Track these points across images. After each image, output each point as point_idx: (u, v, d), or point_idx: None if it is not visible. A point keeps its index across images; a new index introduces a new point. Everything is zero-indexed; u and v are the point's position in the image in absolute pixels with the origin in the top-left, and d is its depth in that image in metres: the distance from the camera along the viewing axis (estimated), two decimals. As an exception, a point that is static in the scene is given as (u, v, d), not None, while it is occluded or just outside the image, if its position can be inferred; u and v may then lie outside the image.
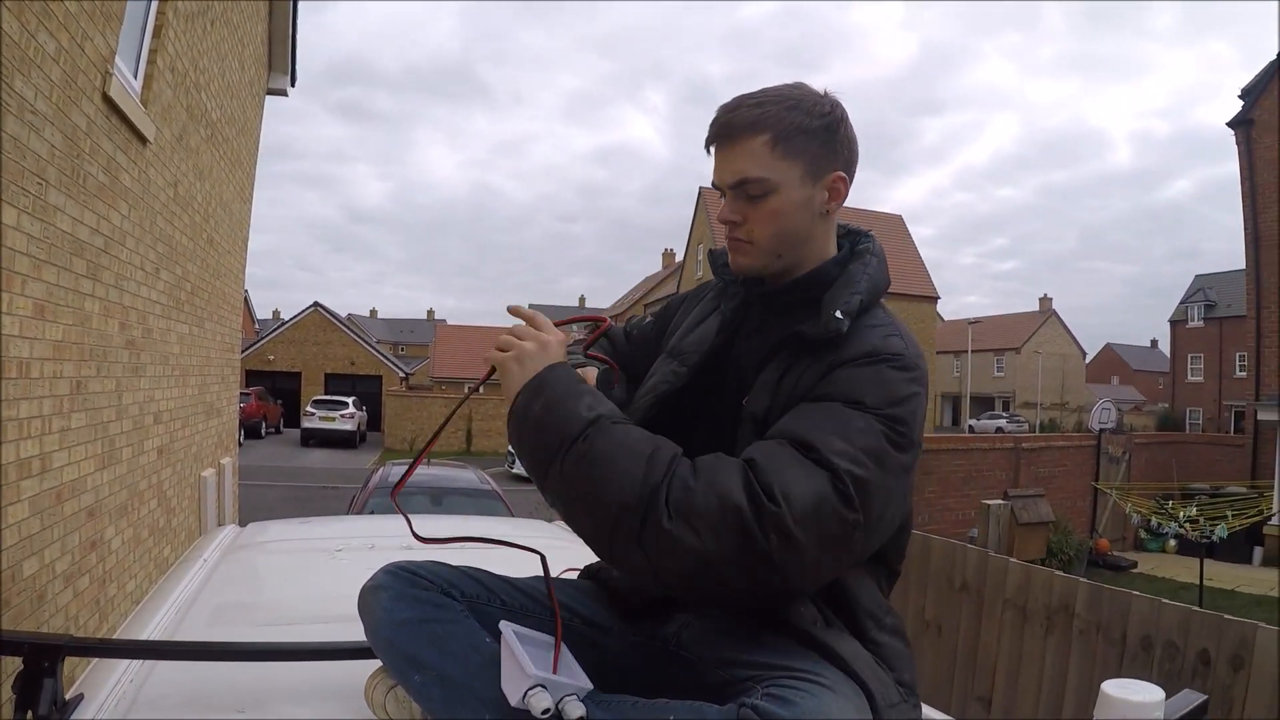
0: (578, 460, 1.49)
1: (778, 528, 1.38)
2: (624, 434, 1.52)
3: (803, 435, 1.50)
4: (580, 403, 1.56)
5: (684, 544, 1.39)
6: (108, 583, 5.92)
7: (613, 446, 1.49)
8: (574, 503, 1.51)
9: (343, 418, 41.01)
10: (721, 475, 1.44)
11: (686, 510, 1.40)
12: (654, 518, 1.40)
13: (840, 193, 1.79)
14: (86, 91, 4.96)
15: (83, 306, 5.18)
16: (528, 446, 1.58)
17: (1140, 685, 0.94)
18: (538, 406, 1.57)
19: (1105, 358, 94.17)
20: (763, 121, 1.70)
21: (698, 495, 1.41)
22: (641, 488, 1.43)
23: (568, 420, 1.53)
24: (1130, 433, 25.73)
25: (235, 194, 10.40)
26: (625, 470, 1.45)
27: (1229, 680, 4.81)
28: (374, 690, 1.67)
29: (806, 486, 1.43)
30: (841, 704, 1.39)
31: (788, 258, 1.80)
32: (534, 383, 1.60)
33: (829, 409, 1.56)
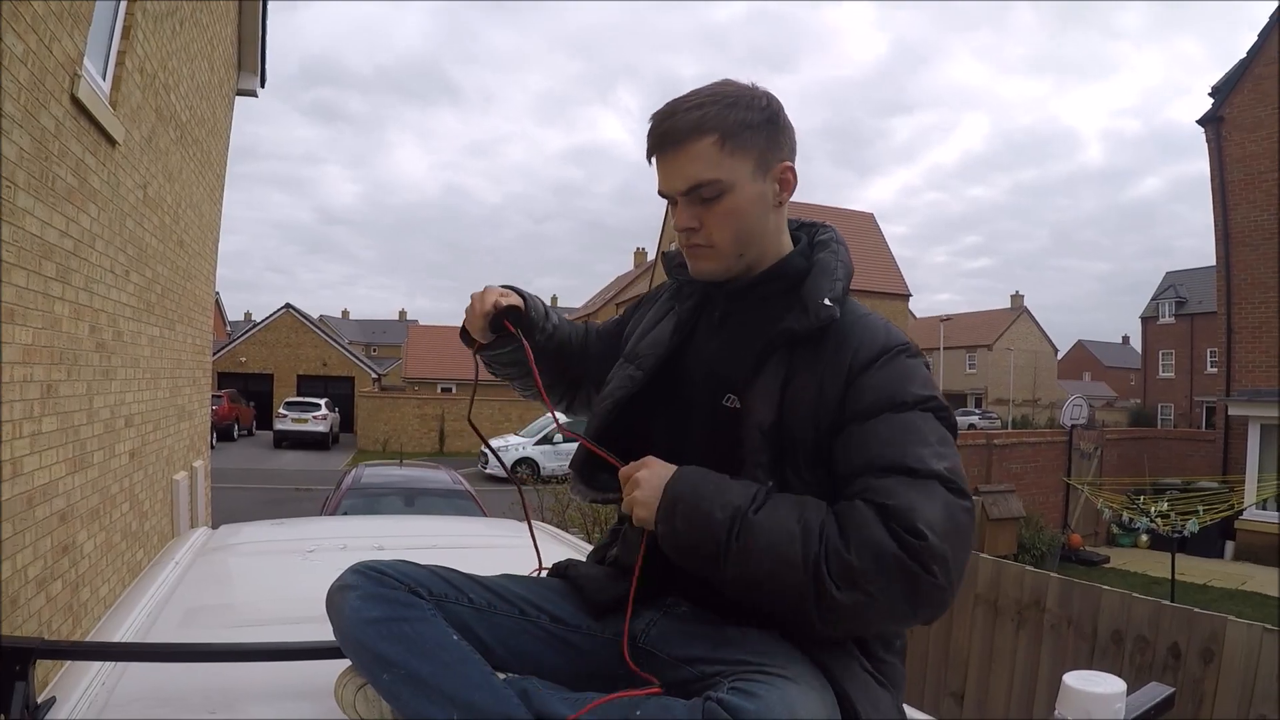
0: (738, 563, 1.53)
1: (935, 557, 1.45)
2: (770, 518, 1.54)
3: (894, 461, 1.55)
4: (714, 504, 1.57)
5: (858, 605, 1.46)
6: (81, 587, 5.89)
7: (763, 538, 1.52)
8: (752, 593, 1.57)
9: (315, 419, 40.82)
10: (866, 529, 1.47)
11: (849, 576, 1.45)
12: (824, 590, 1.46)
13: (790, 183, 1.81)
14: (55, 93, 4.93)
15: (52, 309, 5.16)
16: (691, 565, 1.62)
17: (1102, 677, 0.95)
18: (679, 525, 1.60)
19: (1077, 354, 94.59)
20: (706, 122, 1.70)
21: (854, 558, 1.45)
22: (803, 571, 1.47)
23: (709, 527, 1.56)
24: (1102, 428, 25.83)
25: (205, 195, 10.35)
26: (784, 557, 1.49)
27: (1200, 673, 4.84)
28: (344, 689, 1.67)
29: (935, 505, 1.50)
30: (805, 695, 1.41)
31: (749, 255, 1.80)
32: (663, 507, 1.62)
33: (888, 424, 1.60)
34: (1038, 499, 19.85)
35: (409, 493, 11.56)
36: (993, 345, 77.74)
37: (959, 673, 6.31)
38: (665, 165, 1.76)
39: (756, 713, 1.33)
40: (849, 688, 1.57)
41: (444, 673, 1.53)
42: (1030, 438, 22.90)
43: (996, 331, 79.12)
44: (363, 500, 11.10)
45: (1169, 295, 60.62)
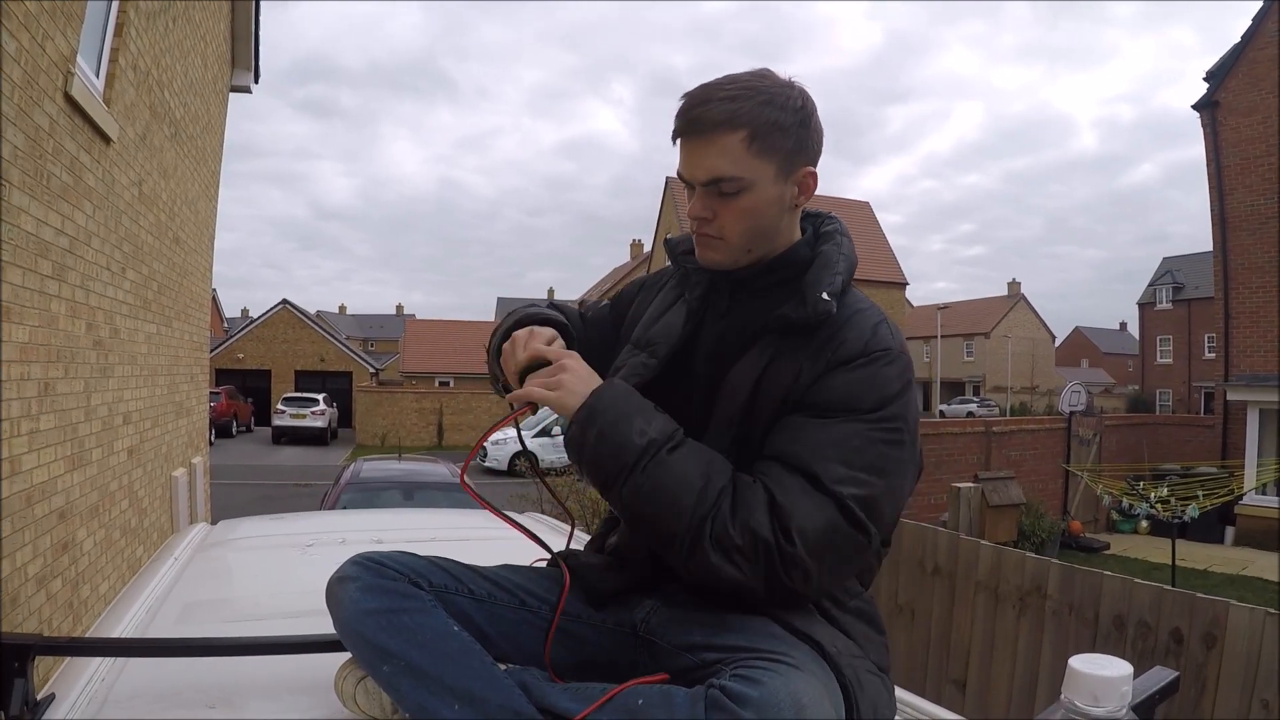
0: (635, 491, 1.59)
1: (796, 565, 1.53)
2: (679, 463, 1.60)
3: (807, 465, 1.59)
4: (632, 428, 1.61)
5: (724, 572, 1.55)
6: (80, 584, 5.89)
7: (667, 478, 1.58)
8: (633, 523, 1.68)
9: (313, 415, 40.83)
10: (755, 513, 1.54)
11: (726, 545, 1.53)
12: (700, 548, 1.55)
13: (810, 187, 1.79)
14: (48, 91, 4.92)
15: (49, 307, 5.15)
16: (588, 472, 1.67)
17: (1108, 660, 0.94)
18: (591, 436, 1.63)
19: (1074, 341, 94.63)
20: (738, 118, 1.67)
21: (734, 532, 1.53)
22: (690, 520, 1.55)
23: (622, 450, 1.60)
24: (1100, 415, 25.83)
25: (200, 192, 10.35)
26: (677, 502, 1.56)
27: (1202, 658, 4.84)
28: (344, 682, 1.67)
29: (818, 519, 1.54)
30: (810, 682, 1.38)
31: (757, 252, 1.79)
32: (583, 412, 1.65)
33: (827, 429, 1.62)
34: (1037, 486, 19.85)
35: (408, 486, 11.56)
36: (990, 333, 77.82)
37: (960, 660, 6.31)
38: (689, 151, 1.73)
39: (760, 700, 1.31)
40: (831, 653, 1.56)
41: (445, 664, 1.52)
42: (1029, 425, 22.91)
43: (994, 319, 79.19)
44: (362, 494, 11.11)
45: (1166, 281, 60.63)
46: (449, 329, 60.34)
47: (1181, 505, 16.27)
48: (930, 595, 6.62)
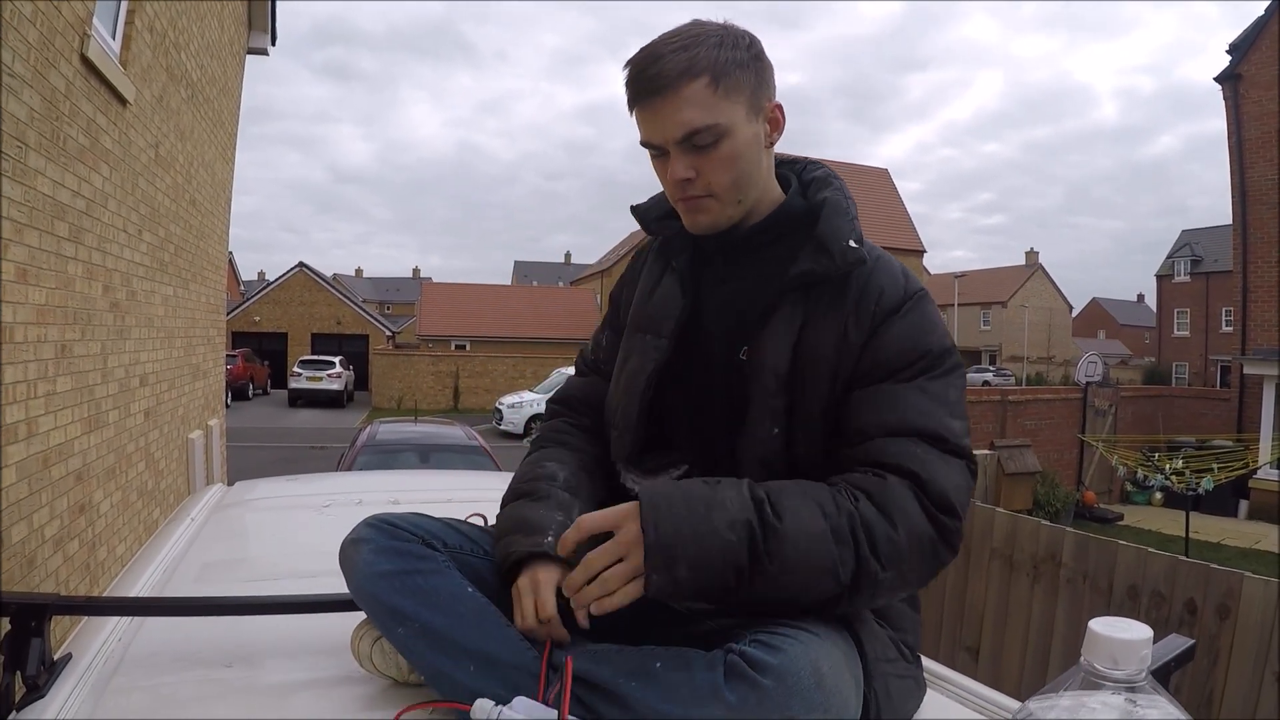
0: (769, 585, 1.41)
1: (959, 536, 1.52)
2: (796, 524, 1.42)
3: (931, 429, 1.55)
4: (716, 531, 1.41)
5: (894, 585, 1.47)
6: (97, 546, 5.92)
7: (793, 550, 1.41)
8: (783, 608, 1.44)
9: (330, 377, 40.96)
10: (908, 512, 1.47)
11: (896, 560, 1.45)
12: (868, 580, 1.44)
13: (780, 121, 1.73)
14: (64, 53, 4.91)
15: (66, 270, 5.16)
16: (702, 601, 1.45)
17: (1128, 623, 0.94)
18: (684, 575, 1.41)
19: (1092, 312, 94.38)
20: (696, 64, 1.59)
21: (902, 542, 1.45)
22: (840, 573, 1.42)
23: (726, 561, 1.41)
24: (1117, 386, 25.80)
25: (217, 155, 10.34)
26: (819, 565, 1.42)
27: (1216, 629, 4.84)
28: (360, 642, 1.66)
29: (958, 481, 1.54)
30: (829, 650, 1.36)
31: (747, 201, 1.72)
32: (655, 557, 1.41)
33: (922, 388, 1.60)
34: (1052, 456, 19.86)
35: (424, 449, 11.61)
36: (1007, 302, 77.54)
37: (974, 627, 6.32)
38: (653, 113, 1.63)
39: (779, 666, 1.30)
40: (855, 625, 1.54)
41: (459, 625, 1.50)
42: (1045, 394, 22.94)
43: (1011, 288, 78.89)
44: (378, 456, 11.15)
45: (1184, 254, 60.33)
46: (466, 292, 60.34)
47: (1196, 478, 16.27)
48: (944, 563, 6.61)
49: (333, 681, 1.69)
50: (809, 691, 1.29)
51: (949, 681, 1.89)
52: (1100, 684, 0.93)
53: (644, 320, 1.85)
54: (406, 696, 1.64)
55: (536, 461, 1.87)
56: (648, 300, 1.87)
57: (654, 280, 1.89)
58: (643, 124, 1.66)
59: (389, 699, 1.63)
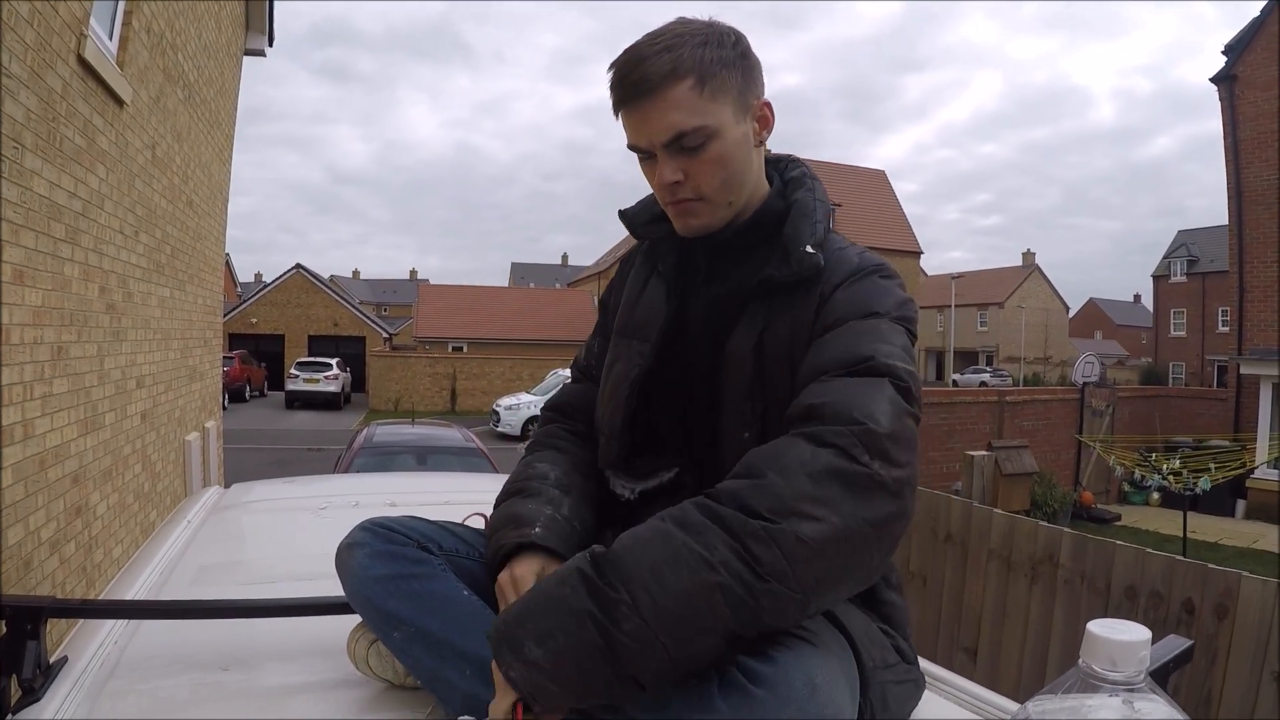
0: (634, 615, 1.22)
1: (870, 445, 1.31)
2: (623, 543, 1.29)
3: (849, 354, 1.46)
4: (547, 586, 1.32)
5: (823, 535, 1.25)
6: (94, 549, 5.91)
7: (635, 566, 1.25)
8: (679, 628, 1.23)
9: (327, 379, 41.00)
10: (784, 455, 1.32)
11: (783, 506, 1.25)
12: (766, 552, 1.23)
13: (768, 119, 1.71)
14: (61, 54, 4.90)
15: (62, 271, 5.15)
16: (584, 687, 1.27)
17: (1127, 625, 0.93)
18: (533, 650, 1.25)
19: (1088, 312, 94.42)
20: (681, 65, 1.56)
21: (778, 485, 1.27)
22: (715, 560, 1.23)
23: (563, 605, 1.26)
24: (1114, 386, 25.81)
25: (214, 155, 10.33)
26: (673, 556, 1.24)
27: (1214, 629, 4.84)
28: (356, 645, 1.66)
29: (881, 397, 1.38)
30: (824, 659, 1.34)
31: (737, 202, 1.70)
32: (502, 647, 1.30)
33: (854, 327, 1.52)
34: (1049, 456, 19.87)
35: (421, 451, 11.63)
36: (1004, 303, 77.68)
37: (972, 628, 6.32)
38: (639, 116, 1.61)
39: (773, 676, 1.27)
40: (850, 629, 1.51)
41: (455, 629, 1.50)
42: (1042, 395, 22.95)
43: (1008, 289, 79.02)
44: (375, 459, 11.16)
45: (1181, 254, 60.47)
46: (463, 294, 60.34)
47: (1193, 478, 16.26)
48: (943, 563, 6.62)
49: (329, 685, 1.69)
50: (803, 701, 1.27)
51: (947, 683, 1.89)
52: (1098, 686, 0.93)
53: (629, 326, 1.82)
54: (403, 700, 1.64)
55: (529, 464, 1.85)
56: (634, 305, 1.85)
57: (640, 284, 1.87)
58: (629, 127, 1.64)
59: (386, 702, 1.63)
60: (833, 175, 52.98)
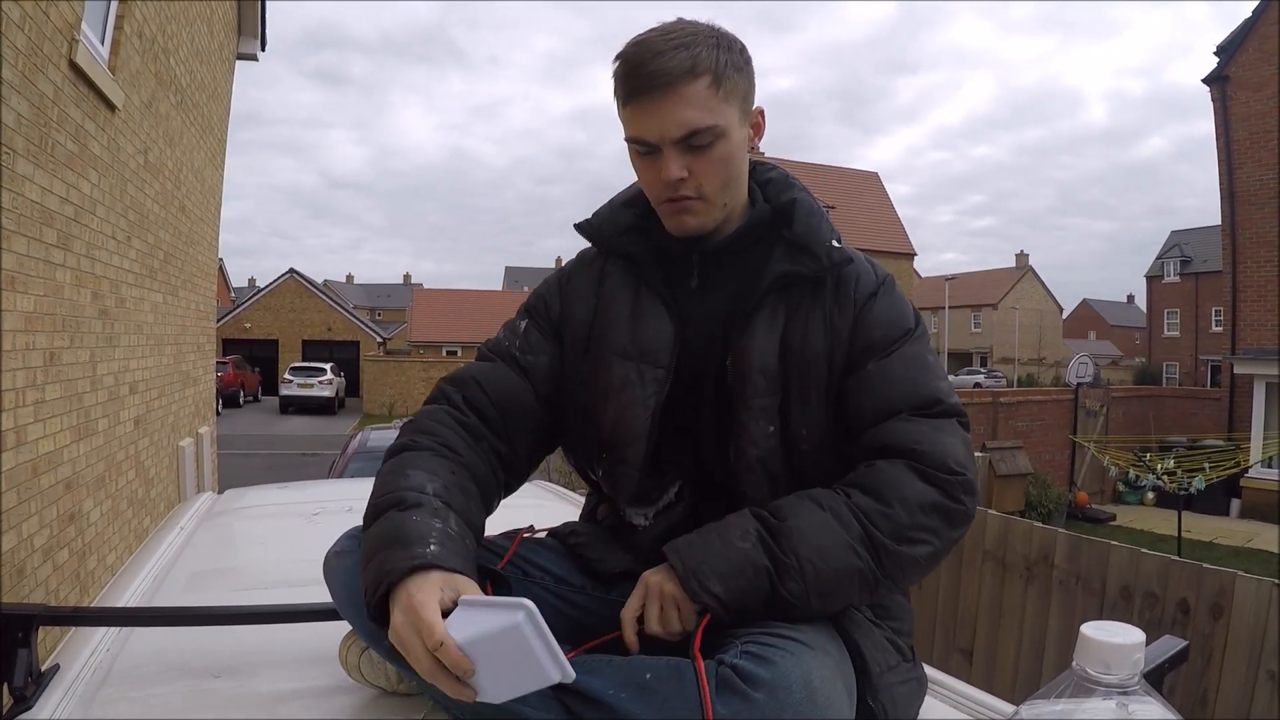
0: (797, 579, 1.46)
1: (965, 489, 1.54)
2: (797, 522, 1.49)
3: (917, 396, 1.61)
4: (731, 538, 1.51)
5: (922, 553, 1.52)
6: (87, 555, 5.89)
7: (804, 544, 1.47)
8: (821, 598, 1.48)
9: (321, 384, 40.96)
10: (900, 485, 1.51)
11: (902, 534, 1.49)
12: (889, 557, 1.49)
13: (761, 128, 1.73)
14: (53, 59, 4.89)
15: (54, 277, 5.13)
16: (754, 614, 1.48)
17: (1120, 627, 0.93)
18: (718, 587, 1.47)
19: (1082, 313, 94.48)
20: (699, 64, 1.56)
21: (900, 516, 1.49)
22: (859, 551, 1.48)
23: (746, 559, 1.48)
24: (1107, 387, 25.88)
25: (207, 160, 10.32)
26: (833, 547, 1.48)
27: (1209, 628, 4.84)
28: (348, 652, 1.65)
29: (954, 441, 1.58)
30: (821, 661, 1.35)
31: (731, 204, 1.70)
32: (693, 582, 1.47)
33: (905, 357, 1.65)
34: (1044, 457, 19.92)
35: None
36: (998, 304, 77.67)
37: (968, 629, 6.31)
38: (651, 110, 1.58)
39: (770, 679, 1.28)
40: (855, 634, 1.52)
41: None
42: (1036, 396, 23.01)
43: (1001, 290, 79.02)
44: (369, 463, 11.09)
45: (1174, 254, 60.52)
46: (456, 298, 60.39)
47: (1188, 477, 16.31)
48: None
49: (322, 691, 1.69)
50: (800, 704, 1.28)
51: (943, 685, 1.88)
52: (1093, 689, 0.92)
53: (633, 349, 1.73)
54: (396, 706, 1.63)
55: (398, 469, 1.60)
56: (629, 324, 1.76)
57: (629, 301, 1.78)
58: (636, 120, 1.61)
59: (378, 709, 1.62)
60: (826, 178, 53.04)
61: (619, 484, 1.76)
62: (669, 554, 1.51)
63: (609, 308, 1.79)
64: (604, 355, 1.75)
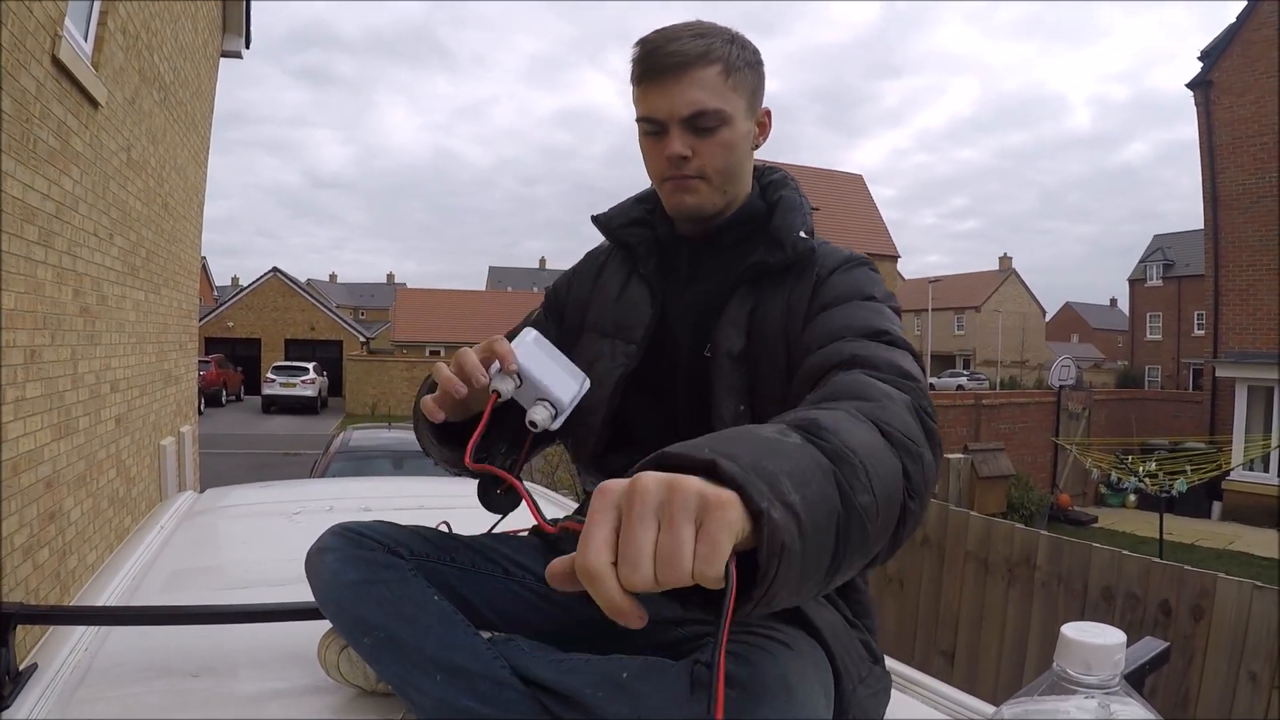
0: (865, 494, 1.03)
1: (926, 396, 1.37)
2: (827, 419, 1.11)
3: (869, 326, 1.53)
4: (774, 433, 1.06)
5: (922, 459, 1.20)
6: (68, 554, 5.86)
7: (851, 436, 1.09)
8: (883, 512, 1.08)
9: (303, 384, 40.89)
10: (876, 384, 1.31)
11: (906, 431, 1.20)
12: (913, 461, 1.17)
13: (767, 128, 1.81)
14: (35, 54, 4.87)
15: (35, 274, 5.11)
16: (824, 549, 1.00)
17: (1100, 628, 0.93)
18: (793, 494, 0.94)
19: (1065, 316, 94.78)
20: (713, 52, 1.66)
21: (892, 410, 1.23)
22: (894, 451, 1.15)
23: (812, 461, 1.01)
24: (1090, 389, 25.96)
25: (190, 158, 10.28)
26: (874, 444, 1.12)
27: (1190, 630, 4.86)
28: (327, 651, 1.65)
29: (909, 367, 1.44)
30: (798, 661, 1.34)
31: (730, 193, 1.77)
32: (759, 483, 0.91)
33: (859, 304, 1.62)
34: (1026, 459, 19.98)
35: (398, 455, 11.55)
36: (981, 307, 77.83)
37: (949, 631, 6.33)
38: (664, 89, 1.67)
39: (748, 679, 1.27)
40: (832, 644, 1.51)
41: (425, 635, 1.47)
42: (1019, 398, 23.09)
43: (985, 293, 79.19)
44: (351, 463, 11.11)
45: (1157, 258, 60.88)
46: (440, 298, 60.31)
47: (1169, 480, 16.37)
48: (919, 566, 6.62)
49: (301, 691, 1.68)
50: (777, 704, 1.27)
51: (922, 686, 1.89)
52: (1073, 690, 0.92)
53: (612, 326, 1.85)
54: (375, 706, 1.62)
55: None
56: (614, 305, 1.87)
57: (619, 286, 1.90)
58: (648, 99, 1.70)
59: (358, 708, 1.62)
60: (811, 179, 53.09)
61: (576, 449, 1.87)
62: (691, 449, 0.98)
63: (603, 291, 1.92)
64: (588, 334, 1.88)
